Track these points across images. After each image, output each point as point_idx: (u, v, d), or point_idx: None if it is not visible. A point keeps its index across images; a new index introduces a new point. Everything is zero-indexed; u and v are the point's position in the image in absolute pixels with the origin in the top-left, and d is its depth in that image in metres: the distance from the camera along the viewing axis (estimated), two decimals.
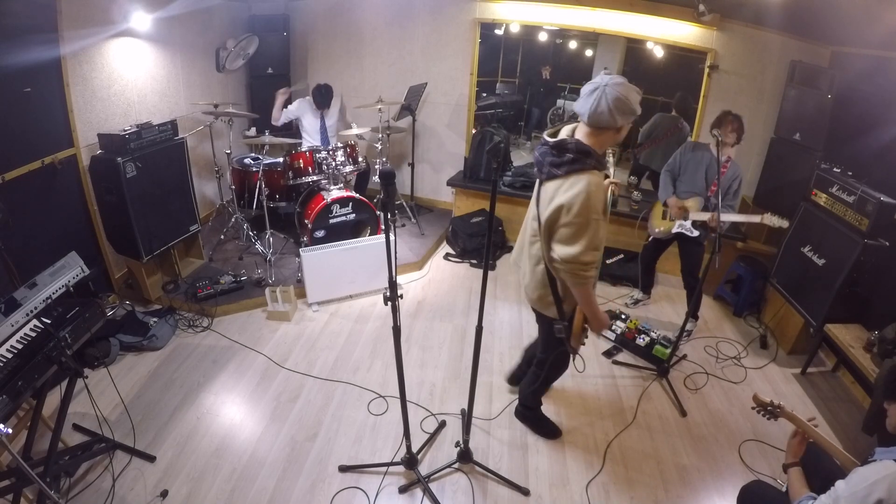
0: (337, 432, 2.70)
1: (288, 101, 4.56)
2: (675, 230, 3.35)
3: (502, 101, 7.25)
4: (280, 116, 4.48)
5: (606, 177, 2.26)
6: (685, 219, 3.30)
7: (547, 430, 2.76)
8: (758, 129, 4.32)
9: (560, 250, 1.92)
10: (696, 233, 3.28)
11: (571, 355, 2.38)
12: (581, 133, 1.94)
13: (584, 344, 2.27)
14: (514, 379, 3.02)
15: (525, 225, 2.25)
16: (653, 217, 3.59)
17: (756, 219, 3.04)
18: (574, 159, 1.87)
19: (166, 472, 2.41)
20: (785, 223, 2.99)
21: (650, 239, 3.63)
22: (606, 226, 2.03)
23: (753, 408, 2.00)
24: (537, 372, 2.59)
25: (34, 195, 3.04)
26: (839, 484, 1.49)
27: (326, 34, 5.21)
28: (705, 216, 3.17)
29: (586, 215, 1.85)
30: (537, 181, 2.09)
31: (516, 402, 2.86)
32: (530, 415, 2.79)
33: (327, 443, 2.63)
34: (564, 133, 2.00)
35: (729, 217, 3.05)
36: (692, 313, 3.34)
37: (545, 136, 2.01)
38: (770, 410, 1.95)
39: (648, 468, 2.59)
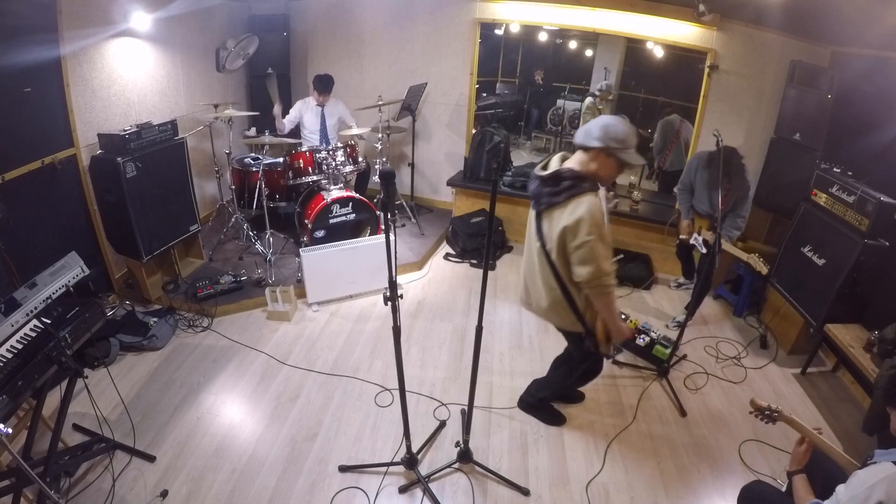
0: (337, 432, 2.70)
1: (286, 108, 4.53)
2: (690, 242, 3.52)
3: (502, 101, 7.26)
4: (284, 126, 4.48)
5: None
6: (699, 234, 3.44)
7: (552, 418, 2.81)
8: (758, 129, 4.32)
9: (581, 271, 2.03)
10: (704, 250, 3.40)
11: (607, 360, 2.48)
12: (574, 161, 2.09)
13: (617, 349, 2.38)
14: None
15: (531, 261, 2.29)
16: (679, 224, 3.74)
17: (743, 256, 3.10)
18: (571, 185, 2.01)
19: (166, 472, 2.41)
20: (764, 270, 3.01)
21: (679, 241, 3.80)
22: (609, 233, 2.11)
23: (751, 412, 2.00)
24: (565, 376, 2.66)
25: (34, 195, 3.04)
26: (839, 489, 1.49)
27: (326, 34, 5.21)
28: (709, 235, 3.32)
29: (594, 233, 1.96)
30: (533, 213, 2.20)
31: (517, 398, 2.90)
32: (537, 404, 2.84)
33: (327, 443, 2.63)
34: (555, 164, 2.13)
35: (726, 246, 3.12)
36: (692, 309, 3.41)
37: (536, 171, 2.15)
38: (768, 415, 1.95)
39: (648, 468, 2.59)
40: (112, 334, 3.14)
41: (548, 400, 2.83)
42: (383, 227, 1.95)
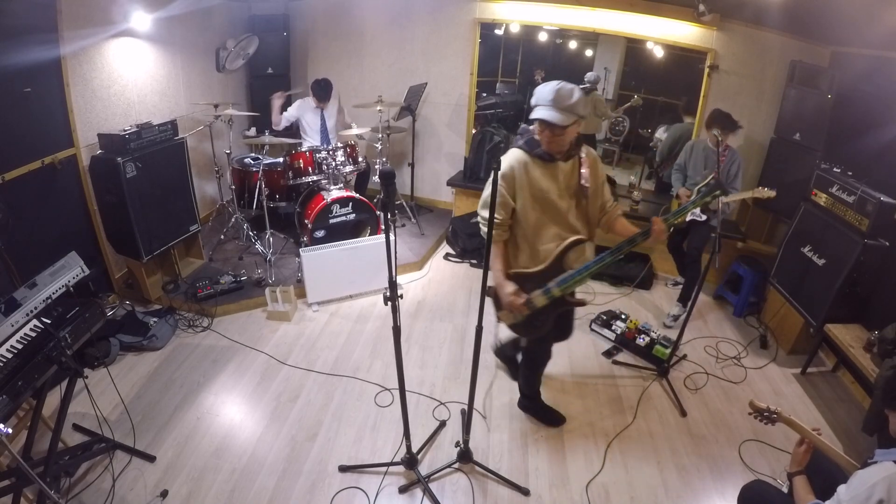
0: (337, 432, 2.70)
1: (287, 104, 4.54)
2: (688, 218, 3.58)
3: (502, 101, 7.24)
4: (280, 121, 4.47)
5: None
6: None
7: (549, 418, 2.82)
8: (758, 129, 4.31)
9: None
10: (703, 217, 3.49)
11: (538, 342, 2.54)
12: None
13: (515, 318, 2.35)
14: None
15: None
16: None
17: (748, 194, 3.30)
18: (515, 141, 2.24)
19: (166, 472, 2.41)
20: (772, 193, 3.23)
21: (671, 230, 3.80)
22: (534, 206, 2.19)
23: (751, 413, 2.00)
24: (523, 356, 2.78)
25: (34, 195, 3.04)
26: (840, 489, 1.49)
27: (326, 34, 5.21)
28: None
29: (501, 182, 2.15)
30: None
31: (517, 399, 2.90)
32: (530, 405, 2.84)
33: (327, 443, 2.64)
34: None
35: (728, 198, 3.32)
36: (684, 299, 3.51)
37: None
38: (767, 416, 1.95)
39: (648, 468, 2.59)
40: (112, 334, 3.14)
41: (531, 394, 2.84)
42: (383, 227, 1.95)
